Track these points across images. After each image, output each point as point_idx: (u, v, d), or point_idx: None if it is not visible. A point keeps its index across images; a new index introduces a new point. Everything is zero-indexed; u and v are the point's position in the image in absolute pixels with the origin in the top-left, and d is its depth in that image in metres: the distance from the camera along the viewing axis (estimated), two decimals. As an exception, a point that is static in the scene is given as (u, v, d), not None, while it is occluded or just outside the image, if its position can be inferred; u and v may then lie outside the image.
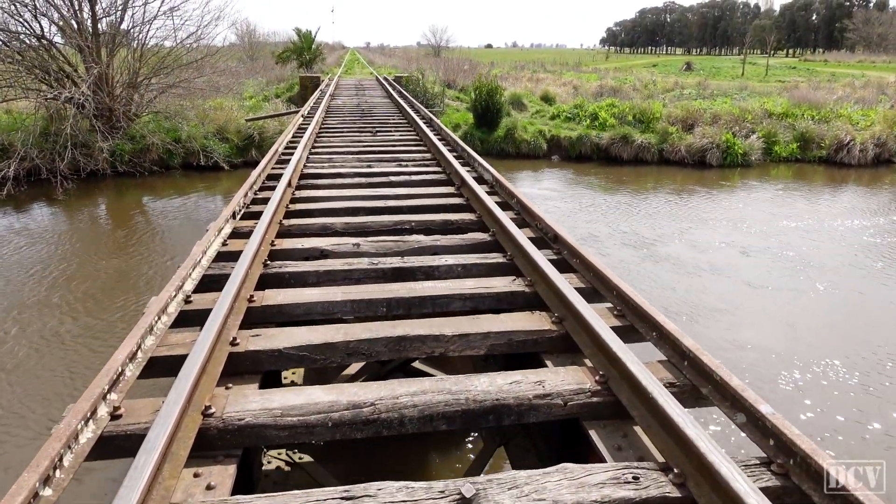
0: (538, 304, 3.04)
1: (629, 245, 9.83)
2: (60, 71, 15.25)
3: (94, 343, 6.61)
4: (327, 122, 10.04)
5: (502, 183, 5.03)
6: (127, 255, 9.79)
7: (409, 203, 4.81)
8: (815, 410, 5.31)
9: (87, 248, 10.28)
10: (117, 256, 9.74)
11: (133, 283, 8.57)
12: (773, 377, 5.83)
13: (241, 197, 4.50)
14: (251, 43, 40.37)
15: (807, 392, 5.58)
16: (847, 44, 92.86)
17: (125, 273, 9.01)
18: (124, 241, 10.68)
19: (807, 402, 5.43)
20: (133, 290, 8.31)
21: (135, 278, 8.80)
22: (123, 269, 9.14)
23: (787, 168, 17.44)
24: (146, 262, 9.45)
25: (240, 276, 3.01)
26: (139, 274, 8.96)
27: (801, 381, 5.80)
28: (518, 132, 18.43)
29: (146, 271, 9.09)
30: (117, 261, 9.52)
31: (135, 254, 9.92)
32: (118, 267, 9.26)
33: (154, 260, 9.63)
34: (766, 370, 5.96)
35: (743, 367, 5.97)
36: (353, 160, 6.67)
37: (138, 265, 9.33)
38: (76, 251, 10.07)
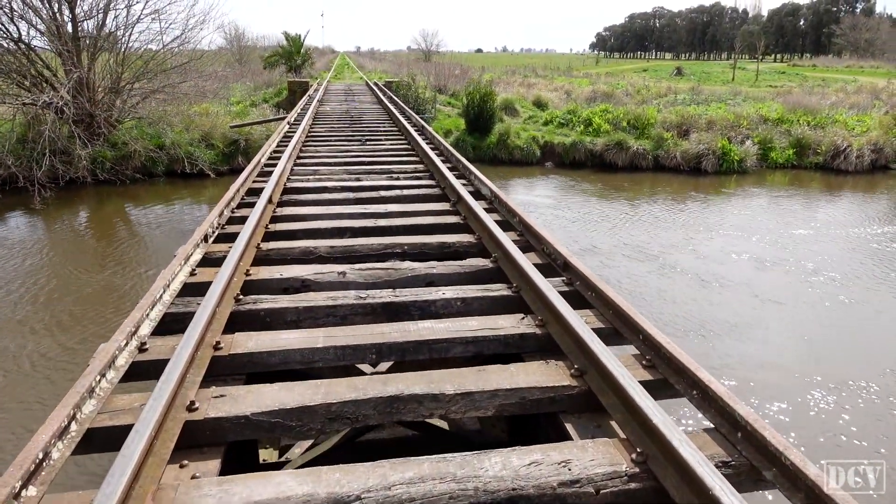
0: (552, 349, 2.63)
1: (633, 257, 9.45)
2: (39, 75, 14.72)
3: (70, 366, 6.13)
4: (314, 130, 9.61)
5: (502, 199, 4.63)
6: (107, 268, 9.32)
7: (402, 222, 4.39)
8: (855, 441, 4.94)
9: (65, 260, 9.79)
10: (97, 269, 9.26)
11: (114, 298, 8.10)
12: (802, 401, 5.46)
13: (215, 216, 4.07)
14: (240, 47, 39.82)
15: (839, 416, 5.21)
16: (835, 49, 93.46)
17: (106, 287, 8.53)
18: (105, 253, 10.20)
19: (844, 430, 5.06)
20: (113, 304, 7.84)
21: (116, 292, 8.33)
22: (104, 283, 8.67)
23: (783, 174, 17.19)
24: (127, 275, 8.98)
25: (205, 315, 2.58)
26: (120, 288, 8.49)
27: (830, 403, 5.43)
28: (511, 138, 18.08)
29: (127, 285, 8.62)
30: (97, 274, 9.04)
31: (115, 266, 9.45)
32: (98, 280, 8.78)
33: (135, 272, 9.16)
34: (790, 391, 5.59)
35: (765, 388, 5.60)
36: (341, 172, 6.24)
37: (119, 278, 8.86)
38: (53, 263, 9.58)
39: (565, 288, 3.15)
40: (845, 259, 9.51)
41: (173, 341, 2.57)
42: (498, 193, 4.77)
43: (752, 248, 10.00)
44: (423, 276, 3.42)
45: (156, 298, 2.75)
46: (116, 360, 2.30)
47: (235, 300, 2.98)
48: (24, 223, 12.24)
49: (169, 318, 2.83)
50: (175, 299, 2.98)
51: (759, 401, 5.46)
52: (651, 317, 7.27)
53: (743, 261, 9.42)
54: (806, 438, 4.89)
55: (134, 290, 8.37)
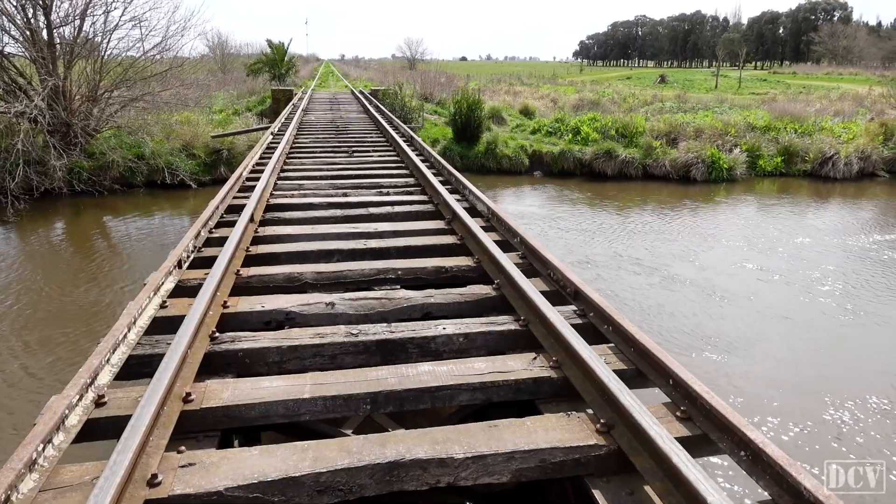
0: (571, 396, 2.33)
1: (630, 269, 9.19)
2: (12, 83, 14.22)
3: (34, 395, 5.72)
4: (299, 141, 9.27)
5: (500, 216, 4.34)
6: (81, 284, 8.90)
7: (394, 243, 4.08)
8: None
9: (37, 275, 9.35)
10: (71, 285, 8.83)
11: (87, 317, 7.69)
12: (815, 422, 5.21)
13: (190, 238, 3.73)
14: (223, 54, 39.34)
15: (853, 436, 4.95)
16: (813, 56, 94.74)
17: (80, 305, 8.11)
18: (80, 268, 9.77)
19: (860, 450, 4.80)
20: (86, 324, 7.43)
21: (89, 310, 7.92)
22: (77, 301, 8.25)
23: (772, 182, 17.11)
24: (103, 292, 8.57)
25: (175, 360, 2.25)
26: (95, 305, 8.08)
27: (845, 422, 5.19)
28: (499, 147, 17.84)
29: (103, 302, 8.21)
30: (71, 290, 8.62)
31: (90, 282, 9.02)
32: (72, 298, 8.36)
33: (111, 288, 8.75)
34: (802, 411, 5.34)
35: (775, 408, 5.33)
36: (328, 186, 5.91)
37: (94, 295, 8.44)
38: (24, 279, 9.13)
39: (578, 320, 2.86)
40: (845, 268, 9.33)
41: (137, 391, 2.24)
42: (496, 210, 4.48)
43: (750, 258, 9.80)
44: (420, 306, 3.11)
45: (118, 340, 2.41)
46: (67, 420, 1.96)
47: (210, 338, 2.65)
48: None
49: (134, 361, 2.50)
50: (142, 338, 2.64)
51: (771, 421, 5.20)
52: (652, 331, 7.01)
53: (742, 271, 9.21)
54: (821, 462, 4.63)
55: (109, 308, 7.98)
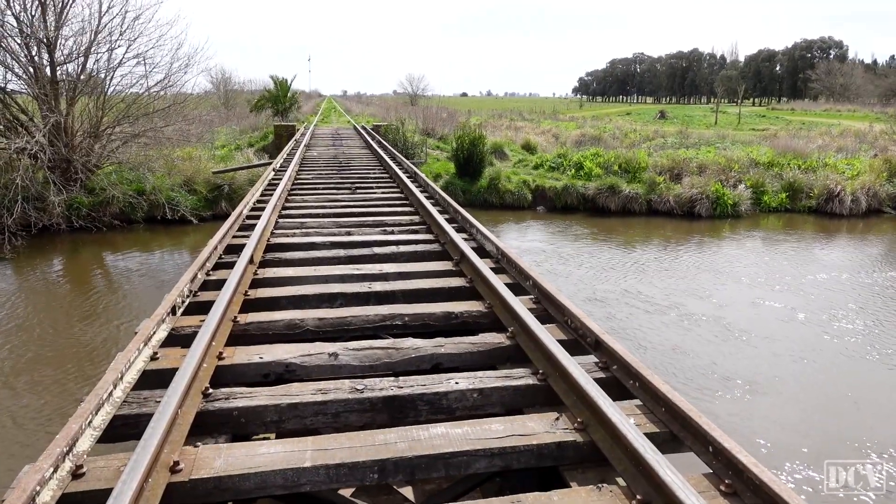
0: (599, 462, 2.11)
1: (640, 307, 8.95)
2: (14, 119, 14.23)
3: (17, 448, 5.46)
4: (301, 176, 9.16)
5: (511, 258, 4.15)
6: (76, 323, 8.68)
7: (400, 286, 3.88)
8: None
9: (31, 313, 9.14)
10: (65, 324, 8.62)
11: (80, 358, 7.45)
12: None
13: (186, 282, 3.54)
14: (226, 90, 39.78)
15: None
16: (811, 93, 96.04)
17: (74, 345, 7.88)
18: (76, 305, 9.56)
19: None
20: (77, 367, 7.19)
21: (83, 350, 7.69)
22: (71, 341, 8.02)
23: (777, 218, 16.99)
24: (98, 331, 8.35)
25: (163, 423, 2.04)
26: (89, 345, 7.85)
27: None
28: (502, 182, 17.79)
29: (97, 340, 7.99)
30: (65, 330, 8.40)
31: (86, 321, 8.81)
32: (66, 337, 8.14)
33: (107, 327, 8.53)
34: (834, 457, 5.07)
35: (800, 458, 5.06)
36: (330, 225, 5.74)
37: (89, 335, 8.22)
38: (17, 317, 8.92)
39: (601, 374, 2.65)
40: (862, 306, 9.10)
41: (120, 459, 2.02)
42: (505, 250, 4.30)
43: (764, 295, 9.58)
44: (429, 356, 2.90)
45: (102, 399, 2.20)
46: (38, 497, 1.74)
47: (203, 395, 2.43)
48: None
49: (119, 422, 2.29)
50: (129, 395, 2.43)
51: (798, 473, 4.92)
52: (669, 372, 6.77)
53: (756, 309, 8.98)
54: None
55: (104, 347, 7.75)
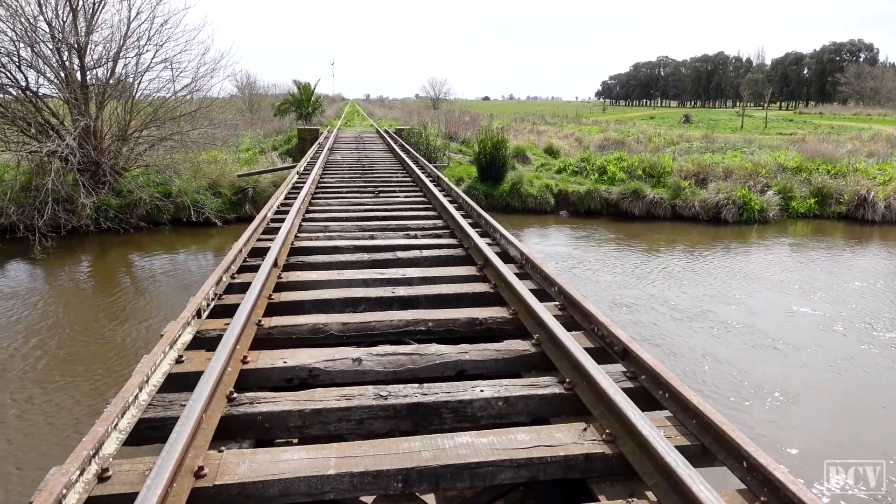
0: (629, 476, 2.06)
1: (670, 315, 8.78)
2: (45, 123, 14.54)
3: (45, 446, 5.54)
4: (325, 180, 9.20)
5: (535, 263, 4.10)
6: (104, 322, 8.84)
7: (424, 291, 3.85)
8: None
9: (62, 313, 9.31)
10: (94, 324, 8.77)
11: (109, 357, 7.57)
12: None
13: (211, 285, 3.55)
14: (251, 95, 40.24)
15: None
16: (839, 97, 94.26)
17: (103, 344, 8.01)
18: (103, 306, 9.72)
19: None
20: (105, 366, 7.30)
21: (112, 351, 7.80)
22: (100, 340, 8.15)
23: (805, 224, 16.66)
24: (126, 331, 8.48)
25: (188, 427, 2.04)
26: (117, 345, 7.97)
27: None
28: (524, 186, 17.71)
29: (126, 340, 8.10)
30: (94, 329, 8.54)
31: (113, 320, 8.96)
32: (94, 337, 8.28)
33: (134, 327, 8.66)
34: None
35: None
36: (353, 228, 5.74)
37: (118, 335, 8.34)
38: (50, 316, 9.09)
39: (628, 383, 2.59)
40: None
41: (145, 463, 2.02)
42: (530, 256, 4.25)
43: (798, 302, 9.36)
44: (454, 363, 2.87)
45: (128, 402, 2.21)
46: (65, 501, 1.75)
47: (228, 399, 2.43)
48: (22, 273, 11.83)
49: (145, 425, 2.29)
50: (155, 398, 2.44)
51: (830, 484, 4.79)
52: (698, 381, 6.64)
53: (789, 316, 8.77)
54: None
55: (133, 347, 7.86)
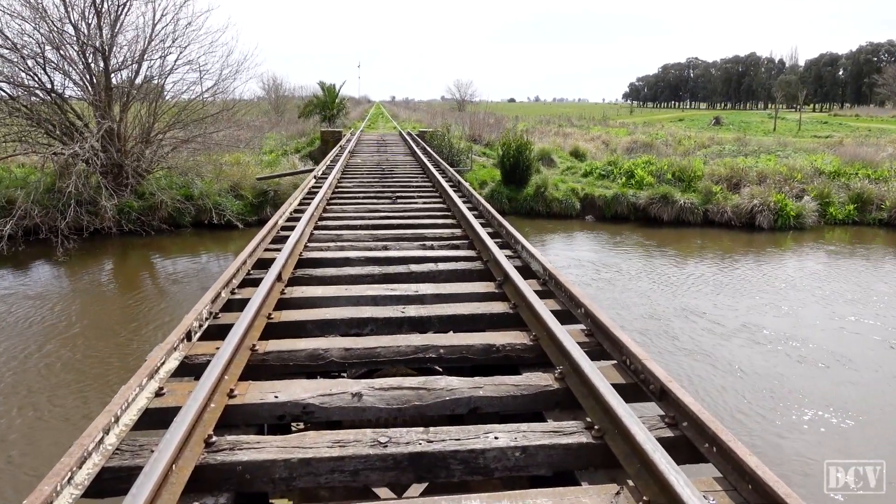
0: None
1: (709, 329, 8.27)
2: (70, 125, 14.57)
3: (46, 447, 5.35)
4: (342, 185, 8.94)
5: (560, 281, 3.75)
6: (122, 327, 8.71)
7: (437, 311, 3.52)
8: None
9: (84, 314, 9.23)
10: (112, 328, 8.65)
11: (124, 363, 7.40)
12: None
13: (206, 303, 3.27)
14: (277, 97, 40.40)
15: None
16: (876, 99, 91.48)
17: (127, 345, 7.89)
18: (122, 309, 9.64)
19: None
20: (118, 373, 7.13)
21: (135, 353, 7.64)
22: (125, 341, 8.05)
23: (844, 231, 15.96)
24: (143, 337, 8.33)
25: (152, 481, 1.75)
26: (141, 348, 7.81)
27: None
28: (549, 190, 17.28)
29: (148, 345, 7.92)
30: (117, 330, 8.44)
31: (133, 322, 8.86)
32: (118, 337, 8.18)
33: (150, 332, 8.50)
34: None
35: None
36: (367, 238, 5.44)
37: (135, 342, 8.20)
38: (72, 316, 9.00)
39: (668, 432, 2.23)
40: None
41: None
42: (554, 273, 3.90)
43: (840, 314, 8.84)
44: (466, 399, 2.53)
45: (88, 450, 1.92)
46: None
47: (206, 444, 2.13)
48: (44, 275, 11.83)
49: (108, 475, 2.00)
50: (124, 441, 2.15)
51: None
52: (742, 400, 6.20)
53: (834, 330, 8.24)
54: None
55: (150, 349, 7.69)
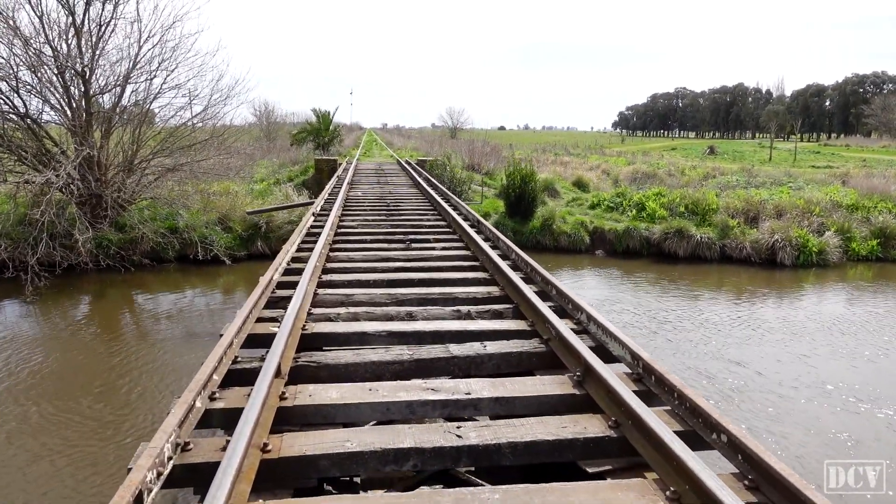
0: None
1: (777, 392, 7.24)
2: (46, 152, 13.51)
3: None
4: (345, 223, 7.92)
5: (664, 377, 2.73)
6: (100, 377, 7.58)
7: (505, 434, 2.42)
8: None
9: (46, 365, 8.05)
10: (87, 379, 7.51)
11: (108, 422, 6.26)
12: None
13: (169, 431, 2.21)
14: (268, 123, 39.59)
15: None
16: (863, 129, 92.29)
17: (101, 403, 6.74)
18: (98, 357, 8.47)
19: None
20: (94, 435, 6.02)
21: (110, 415, 6.50)
22: (96, 400, 6.89)
23: (867, 268, 15.15)
24: (114, 401, 7.16)
25: None
26: (112, 406, 6.68)
27: None
28: (556, 223, 16.36)
29: (122, 411, 6.77)
30: (79, 397, 7.24)
31: (112, 374, 7.71)
32: (89, 394, 7.03)
33: (125, 395, 7.33)
34: None
35: None
36: (384, 299, 4.37)
37: (114, 394, 7.07)
38: (32, 367, 7.83)
39: None
40: None
41: None
42: (651, 364, 2.87)
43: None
44: None
45: None
46: None
47: None
48: (9, 315, 10.66)
49: None
50: None
51: None
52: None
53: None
54: None
55: (128, 408, 6.55)
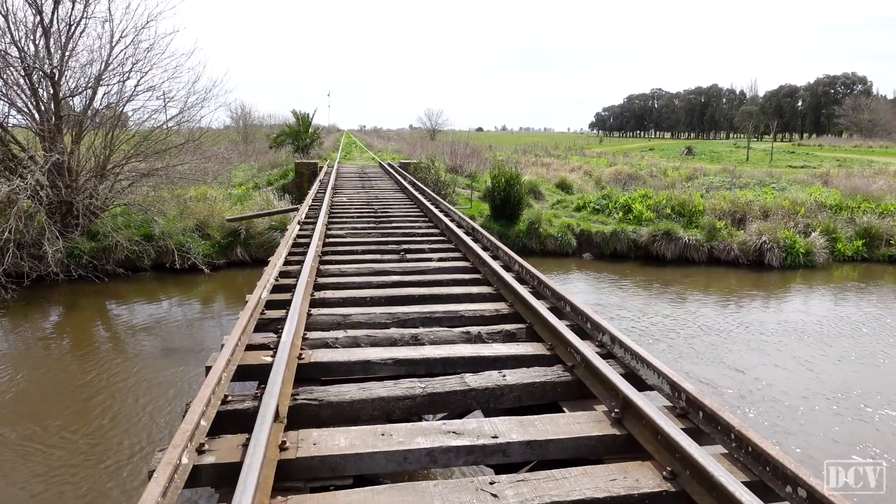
0: None
1: (793, 406, 7.01)
2: (13, 157, 12.88)
3: None
4: (333, 231, 7.53)
5: (713, 412, 2.43)
6: (72, 397, 7.09)
7: (547, 491, 2.14)
8: None
9: (13, 384, 7.56)
10: (57, 399, 7.02)
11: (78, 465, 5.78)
12: None
13: (164, 476, 1.84)
14: (245, 125, 38.87)
15: None
16: (835, 129, 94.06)
17: (65, 443, 6.24)
18: (68, 375, 7.96)
19: None
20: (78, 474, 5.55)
21: (82, 453, 6.02)
22: (61, 435, 6.38)
23: (853, 268, 15.17)
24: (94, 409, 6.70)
25: None
26: (86, 445, 6.19)
27: None
28: (542, 226, 16.12)
29: (94, 438, 6.30)
30: (54, 416, 6.75)
31: (83, 394, 7.23)
32: (54, 416, 6.54)
33: (104, 411, 6.87)
34: None
35: None
36: (384, 319, 3.99)
37: (84, 415, 6.59)
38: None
39: None
40: None
41: None
42: (697, 397, 2.58)
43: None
44: None
45: None
46: None
47: None
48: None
49: None
50: None
51: None
52: None
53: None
54: None
55: (93, 457, 6.07)
